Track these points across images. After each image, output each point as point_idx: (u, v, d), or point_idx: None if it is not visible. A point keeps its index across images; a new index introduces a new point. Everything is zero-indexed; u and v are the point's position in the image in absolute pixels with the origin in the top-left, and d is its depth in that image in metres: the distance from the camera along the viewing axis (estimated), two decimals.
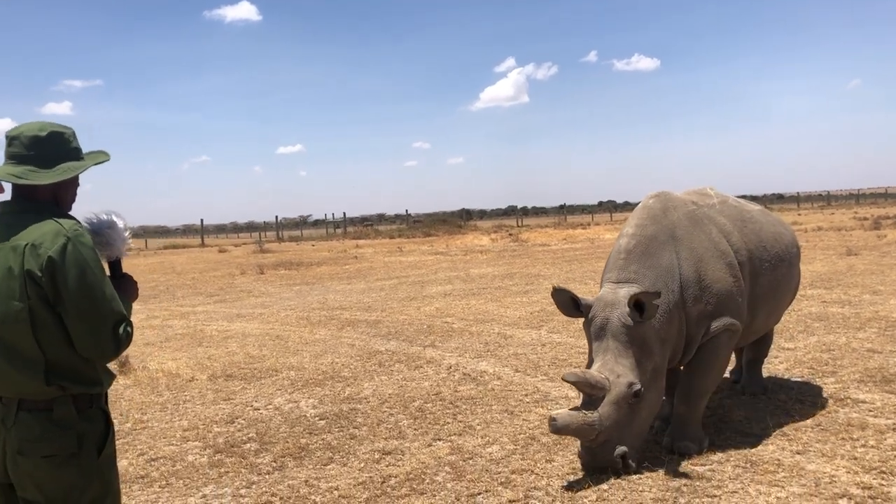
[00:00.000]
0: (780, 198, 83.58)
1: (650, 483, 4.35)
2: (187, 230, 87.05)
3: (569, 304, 4.89)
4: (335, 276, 19.76)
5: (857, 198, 70.25)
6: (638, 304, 4.55)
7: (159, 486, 4.80)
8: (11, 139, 2.46)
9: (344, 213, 53.52)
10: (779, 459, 4.60)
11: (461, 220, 54.24)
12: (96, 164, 2.59)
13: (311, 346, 9.52)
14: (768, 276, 5.42)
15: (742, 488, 4.20)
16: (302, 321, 11.84)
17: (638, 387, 4.50)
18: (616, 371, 4.52)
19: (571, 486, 4.34)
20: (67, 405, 2.39)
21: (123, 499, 4.59)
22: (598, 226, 40.76)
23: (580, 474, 4.52)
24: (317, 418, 6.15)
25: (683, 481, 4.35)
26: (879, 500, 3.95)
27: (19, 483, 2.39)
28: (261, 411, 6.47)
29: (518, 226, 46.56)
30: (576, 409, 4.47)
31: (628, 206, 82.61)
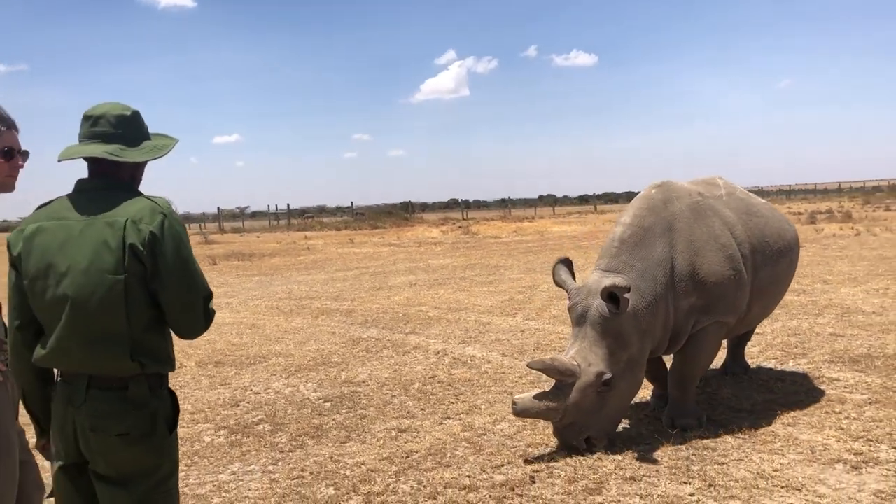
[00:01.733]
0: None
1: (661, 454, 4.68)
2: None
3: (562, 272, 5.08)
4: (292, 266, 19.77)
5: (787, 193, 72.59)
6: (612, 297, 4.65)
7: (185, 465, 4.93)
8: (97, 118, 2.47)
9: (288, 205, 53.06)
10: (773, 431, 4.97)
11: (405, 212, 54.30)
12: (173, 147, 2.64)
13: (291, 334, 9.64)
14: (769, 270, 5.55)
15: (746, 456, 4.55)
16: (273, 310, 11.92)
17: (608, 376, 4.65)
18: (588, 359, 4.68)
19: (597, 454, 4.63)
20: (143, 384, 2.40)
21: None
22: (543, 219, 41.37)
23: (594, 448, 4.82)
24: (321, 401, 6.32)
25: (692, 451, 4.69)
26: (871, 463, 4.35)
27: (92, 458, 2.39)
28: (262, 395, 6.61)
29: (464, 218, 46.90)
30: (541, 394, 4.67)
31: (568, 200, 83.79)
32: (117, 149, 2.44)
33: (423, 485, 4.38)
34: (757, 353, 7.22)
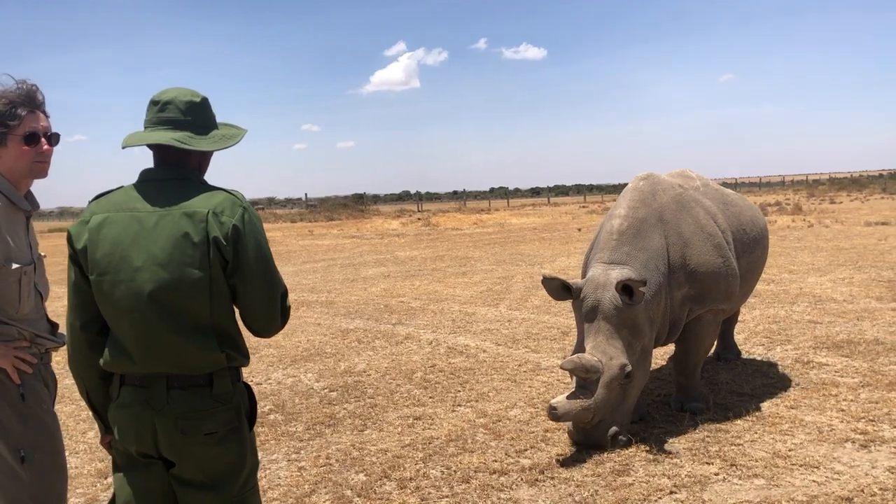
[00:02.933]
0: None
1: (678, 436, 4.85)
2: (64, 213, 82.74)
3: (559, 289, 4.96)
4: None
5: (733, 187, 74.17)
6: (626, 289, 4.66)
7: None
8: (165, 104, 2.33)
9: None
10: (778, 413, 5.19)
11: (359, 204, 54.10)
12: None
13: None
14: (747, 257, 5.74)
15: (759, 437, 4.75)
16: None
17: (629, 368, 4.65)
18: (608, 353, 4.65)
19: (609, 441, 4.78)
20: (227, 378, 2.30)
21: None
22: (499, 211, 41.67)
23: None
24: (326, 390, 6.36)
25: (706, 433, 4.87)
26: (877, 442, 4.58)
27: (179, 461, 2.28)
28: (264, 385, 6.62)
29: (419, 210, 46.98)
30: (572, 394, 4.62)
31: (520, 193, 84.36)
32: (186, 136, 2.30)
33: (453, 470, 4.48)
34: (743, 340, 7.46)
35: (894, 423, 4.88)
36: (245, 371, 7.18)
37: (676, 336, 5.34)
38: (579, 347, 4.87)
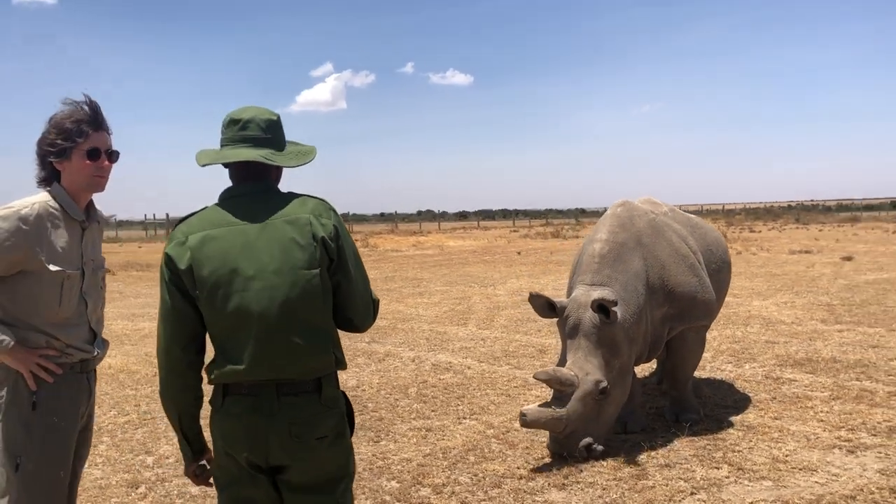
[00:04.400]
0: (583, 212, 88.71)
1: (681, 445, 5.21)
2: None
3: (545, 306, 5.27)
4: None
5: None
6: (602, 308, 4.96)
7: None
8: (246, 122, 2.42)
9: (167, 214, 51.32)
10: (765, 423, 5.62)
11: None
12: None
13: None
14: (716, 276, 6.09)
15: (755, 445, 5.15)
16: None
17: (605, 384, 4.90)
18: (585, 369, 4.92)
19: (624, 447, 5.10)
20: (332, 384, 2.36)
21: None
22: (433, 234, 42.04)
23: (624, 437, 5.30)
24: None
25: (706, 441, 5.25)
26: (861, 448, 5.03)
27: (290, 467, 2.31)
28: None
29: (351, 231, 46.75)
30: (545, 403, 4.95)
31: (447, 216, 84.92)
32: (269, 153, 2.40)
33: (480, 476, 4.73)
34: (711, 358, 7.94)
35: (871, 431, 5.35)
36: None
37: (658, 353, 5.69)
38: (562, 363, 5.16)
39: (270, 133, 2.43)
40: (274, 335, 2.25)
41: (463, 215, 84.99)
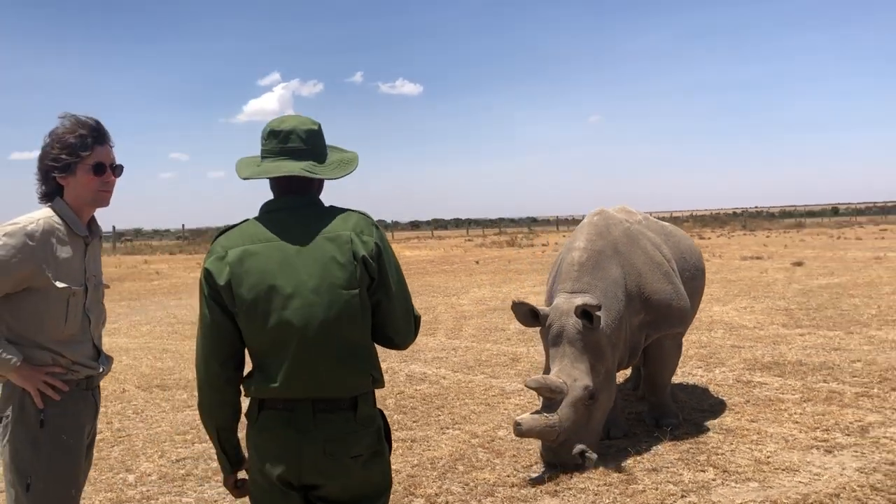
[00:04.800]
0: (534, 221, 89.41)
1: (664, 449, 5.30)
2: None
3: (528, 314, 5.29)
4: (154, 291, 19.18)
5: None
6: (585, 314, 5.01)
7: (218, 481, 4.98)
8: (287, 134, 2.37)
9: (113, 227, 50.27)
10: (743, 426, 5.74)
11: None
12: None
13: None
14: (690, 283, 6.19)
15: (736, 447, 5.26)
16: (173, 334, 11.67)
17: (593, 389, 4.94)
18: (573, 375, 4.94)
19: (610, 453, 5.17)
20: (368, 402, 2.34)
21: (206, 491, 4.81)
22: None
23: (608, 443, 5.36)
24: None
25: (688, 445, 5.34)
26: (837, 447, 5.18)
27: (325, 484, 2.29)
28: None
29: None
30: (537, 412, 4.96)
31: (399, 226, 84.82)
32: (311, 165, 2.35)
33: (472, 486, 4.74)
34: (682, 363, 8.04)
35: (845, 431, 5.51)
36: None
37: (636, 359, 5.78)
38: (547, 372, 5.20)
39: (311, 143, 2.39)
40: (311, 354, 2.23)
41: (415, 225, 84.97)
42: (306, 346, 2.22)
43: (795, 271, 17.96)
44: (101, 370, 2.93)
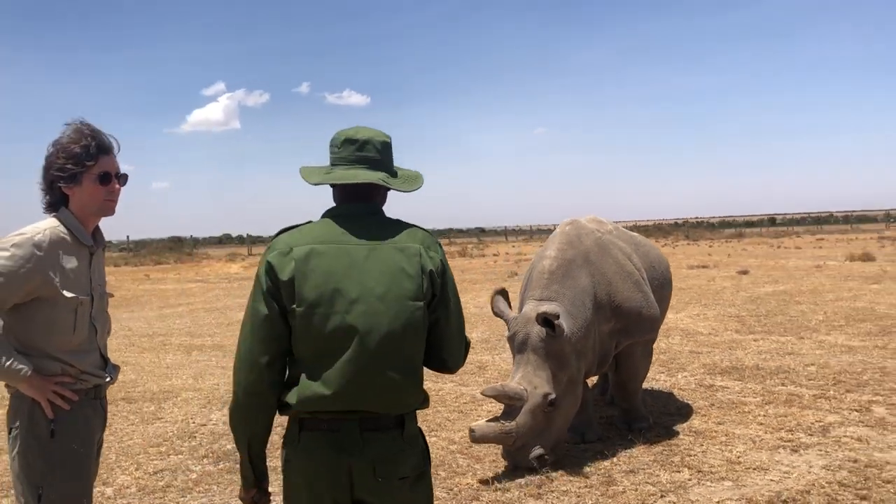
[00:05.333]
0: (483, 231, 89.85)
1: (639, 451, 5.46)
2: None
3: (500, 303, 5.48)
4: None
5: (547, 232, 78.17)
6: (546, 322, 5.11)
7: (201, 492, 4.97)
8: (364, 143, 2.34)
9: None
10: (711, 429, 5.94)
11: (181, 247, 52.23)
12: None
13: (177, 370, 9.43)
14: (658, 293, 6.36)
15: (707, 449, 5.45)
16: (130, 347, 11.47)
17: (553, 397, 5.04)
18: (534, 382, 5.04)
19: (587, 456, 5.30)
20: (414, 421, 2.30)
21: (189, 503, 4.80)
22: None
23: (584, 447, 5.50)
24: (280, 428, 6.44)
25: (662, 447, 5.51)
26: (803, 447, 5.40)
27: None
28: (211, 426, 6.61)
29: (249, 254, 46.10)
30: (495, 418, 5.09)
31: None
32: (385, 176, 2.34)
33: (456, 491, 4.82)
34: None
35: (807, 432, 5.75)
36: (177, 413, 7.13)
37: (606, 366, 5.93)
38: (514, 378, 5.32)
39: (384, 155, 2.37)
40: (369, 364, 2.16)
41: None
42: (366, 354, 2.15)
43: (742, 279, 18.49)
44: (108, 379, 2.95)
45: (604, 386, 7.23)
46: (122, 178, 2.95)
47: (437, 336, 2.32)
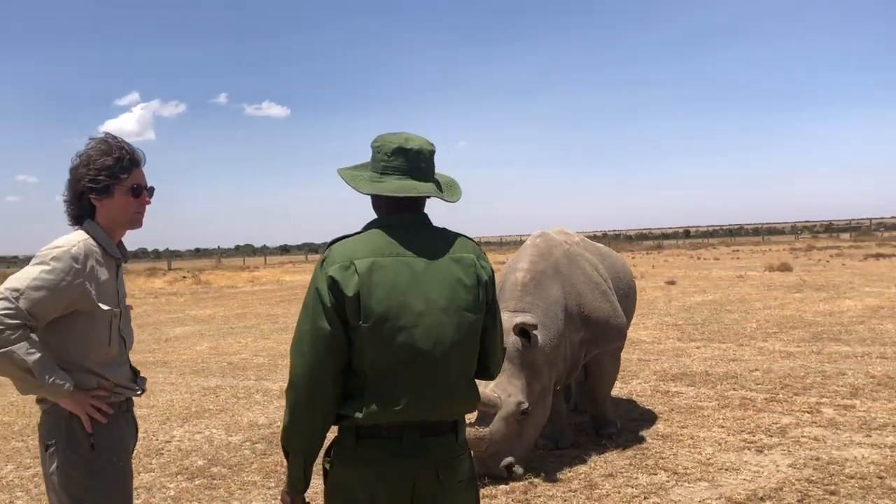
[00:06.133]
0: None
1: (612, 456, 5.62)
2: None
3: None
4: None
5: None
6: (523, 332, 5.23)
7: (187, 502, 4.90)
8: (416, 153, 2.30)
9: None
10: (676, 433, 6.16)
11: None
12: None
13: None
14: (623, 303, 6.52)
15: (677, 451, 5.65)
16: None
17: (526, 405, 5.13)
18: (508, 391, 5.12)
19: (563, 462, 5.43)
20: (464, 425, 2.33)
21: None
22: (260, 269, 41.19)
23: (559, 453, 5.63)
24: (248, 443, 6.40)
25: (634, 451, 5.69)
26: (766, 448, 5.66)
27: None
28: (176, 443, 6.49)
29: (170, 268, 45.10)
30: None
31: (268, 250, 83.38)
32: (435, 188, 2.32)
33: None
34: None
35: (767, 433, 6.03)
36: (140, 430, 6.92)
37: (576, 374, 6.11)
38: None
39: (430, 164, 2.34)
40: (436, 375, 2.17)
41: (285, 249, 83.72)
42: (433, 368, 2.16)
43: (671, 289, 19.09)
44: (138, 392, 2.93)
45: (567, 393, 7.39)
46: (151, 191, 2.96)
47: (484, 344, 2.34)
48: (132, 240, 2.31)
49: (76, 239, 2.77)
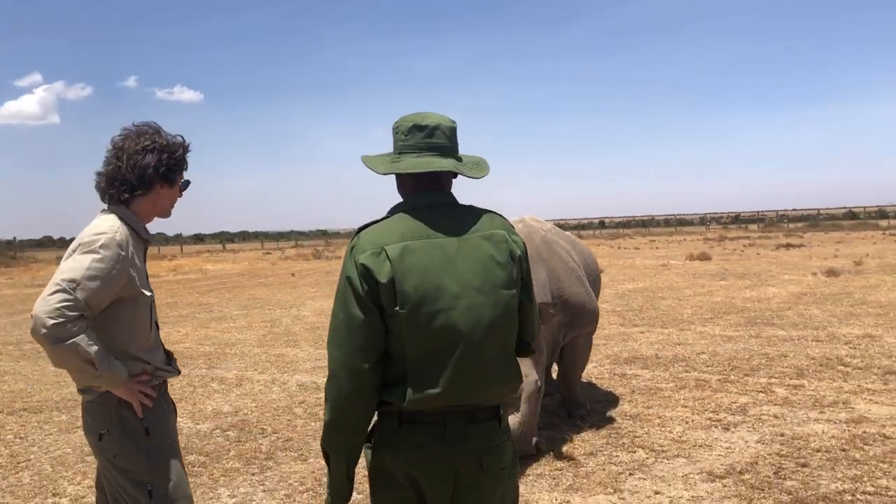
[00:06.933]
0: (325, 233, 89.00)
1: (589, 436, 5.79)
2: None
3: None
4: None
5: None
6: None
7: None
8: (433, 129, 2.23)
9: None
10: (644, 413, 6.38)
11: (10, 250, 48.43)
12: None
13: (68, 377, 8.87)
14: (591, 288, 6.69)
15: (649, 431, 5.87)
16: (2, 356, 10.67)
17: (541, 383, 5.35)
18: (524, 371, 5.20)
19: (543, 442, 5.56)
20: (506, 410, 2.29)
21: None
22: (178, 258, 40.16)
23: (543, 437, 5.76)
24: (219, 431, 6.31)
25: (608, 431, 5.87)
26: (732, 425, 5.92)
27: (479, 500, 2.19)
28: None
29: None
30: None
31: (182, 239, 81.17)
32: (455, 163, 2.24)
33: None
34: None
35: (729, 412, 6.31)
36: None
37: (556, 357, 6.28)
38: None
39: (452, 141, 2.27)
40: (477, 357, 2.11)
41: (199, 238, 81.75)
42: (473, 348, 2.11)
43: (601, 277, 19.52)
44: (176, 373, 2.93)
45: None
46: (185, 184, 3.01)
47: (521, 319, 2.29)
48: (36, 227, 2.24)
49: (115, 224, 2.73)
